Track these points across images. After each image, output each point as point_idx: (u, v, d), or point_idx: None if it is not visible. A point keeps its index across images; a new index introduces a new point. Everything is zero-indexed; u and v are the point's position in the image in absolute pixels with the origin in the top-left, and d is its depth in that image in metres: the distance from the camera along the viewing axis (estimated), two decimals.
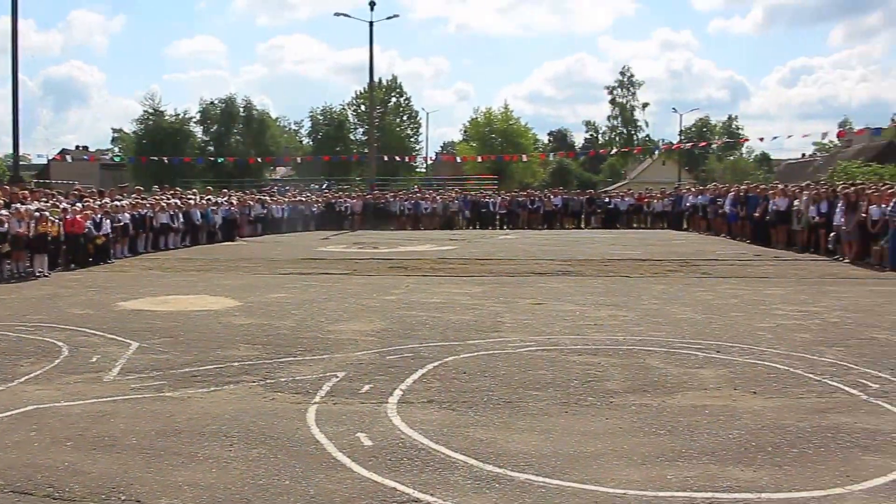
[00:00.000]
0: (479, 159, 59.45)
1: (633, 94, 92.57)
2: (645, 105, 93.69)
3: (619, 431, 5.98)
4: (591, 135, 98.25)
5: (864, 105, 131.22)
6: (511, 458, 5.38)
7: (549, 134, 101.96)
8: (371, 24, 43.00)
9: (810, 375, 7.72)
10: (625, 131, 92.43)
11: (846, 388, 7.24)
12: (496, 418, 6.33)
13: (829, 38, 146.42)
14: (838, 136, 34.35)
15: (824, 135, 46.31)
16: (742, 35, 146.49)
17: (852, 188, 20.12)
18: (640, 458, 5.40)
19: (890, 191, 18.62)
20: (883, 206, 17.90)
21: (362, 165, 59.54)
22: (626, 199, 40.23)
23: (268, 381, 7.53)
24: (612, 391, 7.12)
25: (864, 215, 18.54)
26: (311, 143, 70.16)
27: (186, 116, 63.79)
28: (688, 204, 34.52)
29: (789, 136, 73.49)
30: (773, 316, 11.29)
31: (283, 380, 7.55)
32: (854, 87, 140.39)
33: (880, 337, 9.73)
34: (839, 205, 19.52)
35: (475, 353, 8.68)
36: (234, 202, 30.80)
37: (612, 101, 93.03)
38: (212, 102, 65.21)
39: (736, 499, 4.72)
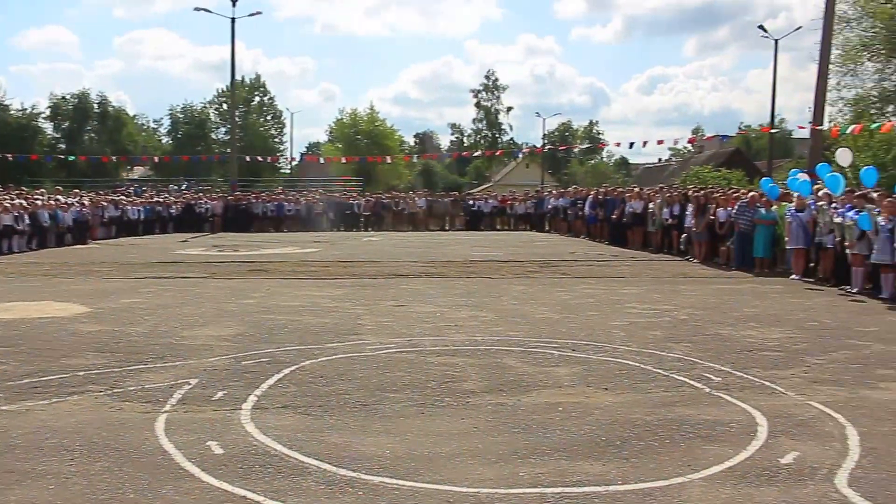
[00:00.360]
0: (344, 160, 59.10)
1: (498, 97, 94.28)
2: (509, 109, 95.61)
3: (475, 431, 6.02)
4: (457, 137, 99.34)
5: (716, 113, 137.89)
6: (365, 462, 5.33)
7: (415, 136, 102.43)
8: (233, 20, 42.03)
9: (659, 371, 8.00)
10: (490, 134, 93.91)
11: (691, 383, 7.54)
12: (352, 422, 6.26)
13: (684, 50, 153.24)
14: (689, 142, 35.84)
15: (676, 141, 48.78)
16: (603, 43, 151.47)
17: (701, 192, 21.08)
18: (494, 456, 5.45)
19: (735, 194, 19.57)
20: (729, 208, 18.81)
21: (224, 166, 58.06)
22: (490, 201, 40.86)
23: (115, 390, 7.21)
24: (468, 391, 7.17)
25: (712, 217, 19.44)
26: (170, 141, 68.11)
27: (35, 111, 60.78)
28: (549, 206, 35.35)
29: (645, 143, 75.80)
30: (627, 314, 11.66)
31: (131, 389, 7.25)
32: (706, 96, 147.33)
33: (724, 332, 10.20)
34: (689, 208, 20.40)
35: (333, 357, 8.58)
36: (87, 203, 29.49)
37: (478, 105, 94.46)
38: (63, 97, 62.42)
39: (585, 492, 4.81)
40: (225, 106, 66.63)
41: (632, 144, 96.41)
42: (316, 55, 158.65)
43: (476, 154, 70.63)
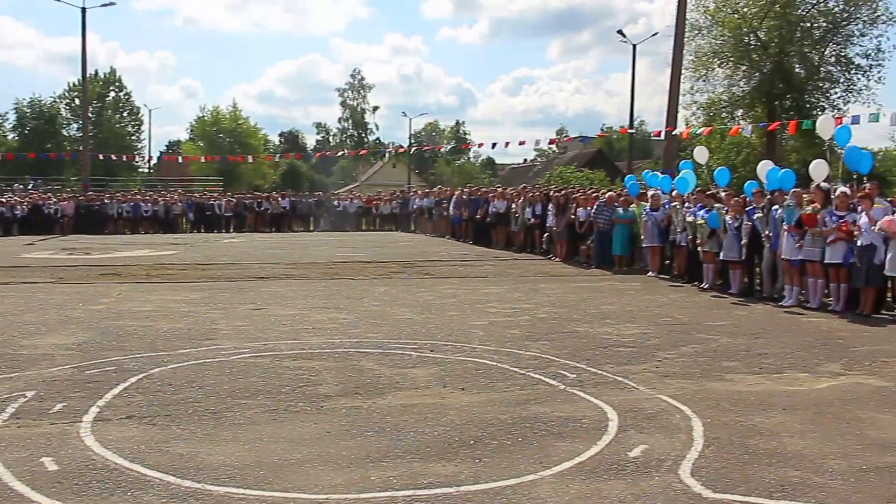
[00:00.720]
0: (204, 160, 57.57)
1: (364, 97, 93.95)
2: (375, 108, 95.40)
3: (327, 436, 5.88)
4: (323, 136, 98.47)
5: (579, 115, 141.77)
6: (212, 472, 5.11)
7: (280, 135, 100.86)
8: (84, 10, 40.16)
9: (516, 369, 8.06)
10: (356, 134, 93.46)
11: (546, 380, 7.62)
12: (200, 431, 6.01)
13: (548, 52, 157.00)
14: (550, 143, 36.67)
15: (537, 142, 49.68)
16: (469, 44, 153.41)
17: (562, 192, 21.54)
18: (346, 461, 5.33)
19: (595, 194, 20.06)
20: (588, 208, 19.27)
21: (76, 164, 55.39)
22: (355, 201, 40.61)
23: None
24: (323, 395, 7.02)
25: (572, 217, 19.89)
26: (16, 138, 64.45)
27: None
28: (415, 206, 35.38)
29: (507, 144, 76.94)
30: (488, 314, 11.74)
31: None
32: (570, 98, 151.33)
33: (581, 330, 10.41)
34: (551, 207, 20.80)
35: (184, 364, 8.24)
36: None
37: (343, 104, 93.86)
38: None
39: (436, 494, 4.75)
40: (77, 101, 63.72)
41: (494, 145, 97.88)
42: (176, 50, 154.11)
43: (340, 154, 70.14)
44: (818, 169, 13.73)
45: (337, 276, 16.84)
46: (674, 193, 16.69)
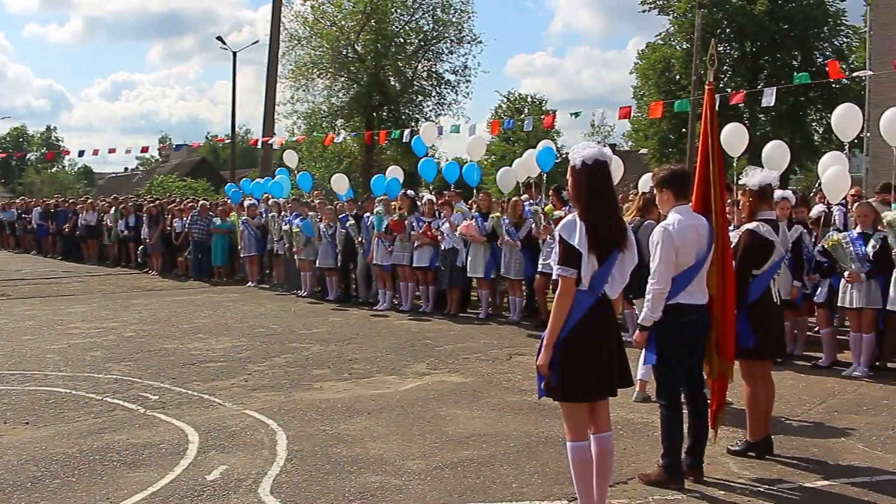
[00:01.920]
0: None
1: None
2: None
3: None
4: None
5: (184, 122, 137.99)
6: None
7: None
8: None
9: (93, 395, 7.44)
10: None
11: (126, 404, 7.12)
12: None
13: (149, 56, 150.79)
14: (142, 151, 34.89)
15: (129, 150, 47.51)
16: (61, 43, 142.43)
17: (155, 202, 20.64)
18: None
19: (190, 204, 19.42)
20: (184, 218, 18.61)
21: None
22: None
23: None
24: None
25: (168, 228, 19.10)
26: None
27: None
28: None
29: (96, 151, 71.57)
30: (69, 335, 10.79)
31: None
32: (173, 104, 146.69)
33: (170, 347, 9.92)
34: (145, 218, 19.80)
35: None
36: None
37: None
38: None
39: None
40: None
41: (82, 153, 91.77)
42: None
43: None
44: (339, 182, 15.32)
45: None
46: (270, 202, 16.68)
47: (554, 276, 4.34)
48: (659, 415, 5.24)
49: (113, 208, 21.79)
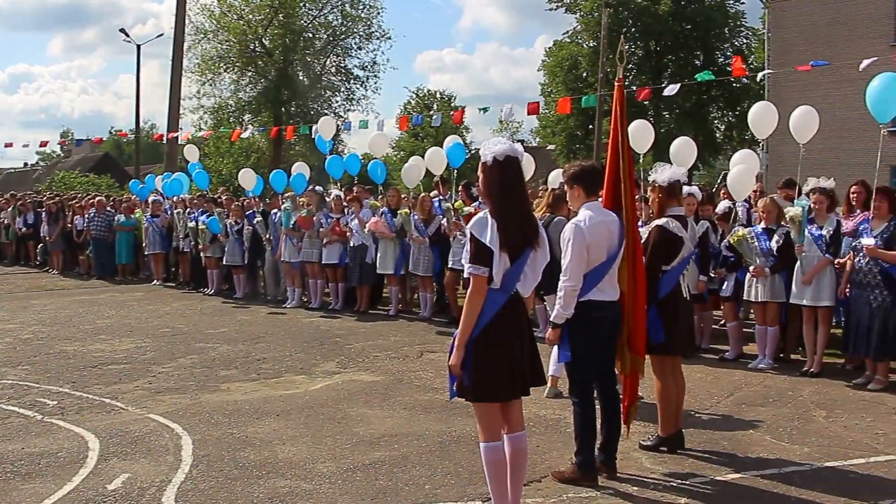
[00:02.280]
0: None
1: None
2: None
3: None
4: None
5: (86, 116, 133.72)
6: None
7: None
8: None
9: None
10: None
11: (21, 411, 6.82)
12: None
13: (49, 48, 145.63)
14: (41, 145, 33.88)
15: (25, 145, 45.93)
16: None
17: (55, 199, 19.92)
18: None
19: (91, 201, 18.75)
20: (86, 215, 17.97)
21: None
22: None
23: None
24: None
25: (69, 225, 18.44)
26: None
27: None
28: None
29: (7, 145, 69.41)
30: None
31: None
32: (76, 98, 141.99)
33: (70, 349, 9.57)
34: (45, 215, 19.09)
35: None
36: None
37: None
38: None
39: None
40: None
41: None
42: None
43: None
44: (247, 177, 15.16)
45: None
46: (175, 199, 16.26)
47: (465, 275, 4.28)
48: (571, 411, 5.24)
49: (11, 205, 20.95)
